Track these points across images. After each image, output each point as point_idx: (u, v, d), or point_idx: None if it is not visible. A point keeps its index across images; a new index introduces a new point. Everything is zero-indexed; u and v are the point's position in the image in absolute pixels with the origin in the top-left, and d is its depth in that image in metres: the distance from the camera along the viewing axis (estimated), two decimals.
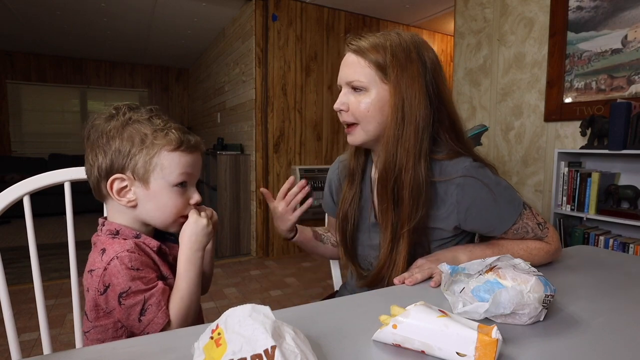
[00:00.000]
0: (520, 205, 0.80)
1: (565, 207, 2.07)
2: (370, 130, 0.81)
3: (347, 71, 0.81)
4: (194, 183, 0.71)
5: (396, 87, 0.78)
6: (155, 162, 0.65)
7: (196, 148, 0.69)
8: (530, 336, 0.54)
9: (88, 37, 4.79)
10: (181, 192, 0.68)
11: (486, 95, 2.75)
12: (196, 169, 0.70)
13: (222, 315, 0.43)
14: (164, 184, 0.66)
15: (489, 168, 0.82)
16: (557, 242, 0.84)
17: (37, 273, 0.82)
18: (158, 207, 0.67)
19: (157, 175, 0.65)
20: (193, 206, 0.70)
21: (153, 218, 0.68)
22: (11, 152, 5.64)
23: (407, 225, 0.79)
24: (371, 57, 0.78)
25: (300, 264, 3.39)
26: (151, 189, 0.66)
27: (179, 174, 0.66)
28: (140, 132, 0.65)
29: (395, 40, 0.79)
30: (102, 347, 0.51)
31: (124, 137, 0.64)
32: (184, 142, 0.67)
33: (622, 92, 2.00)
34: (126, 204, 0.66)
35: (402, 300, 0.64)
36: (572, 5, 2.20)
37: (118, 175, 0.65)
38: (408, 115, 0.78)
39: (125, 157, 0.64)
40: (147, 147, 0.64)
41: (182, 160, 0.67)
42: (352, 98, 0.81)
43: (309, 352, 0.40)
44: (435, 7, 3.66)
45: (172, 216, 0.68)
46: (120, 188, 0.66)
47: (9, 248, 3.66)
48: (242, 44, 3.69)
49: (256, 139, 3.44)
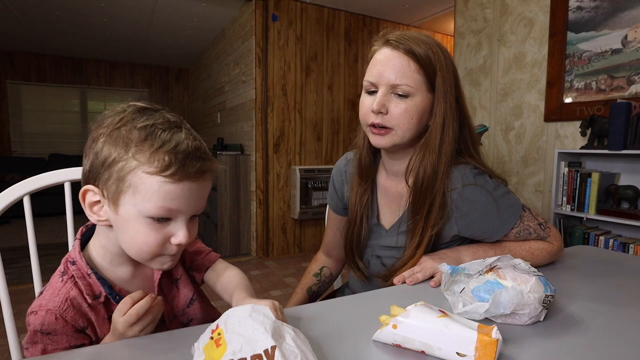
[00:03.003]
0: (519, 209, 0.80)
1: (565, 207, 2.07)
2: (406, 137, 0.78)
3: (393, 73, 0.75)
4: (184, 218, 0.55)
5: (443, 98, 0.77)
6: (129, 181, 0.51)
7: (197, 176, 0.53)
8: (530, 336, 0.54)
9: (88, 37, 4.79)
10: (158, 227, 0.53)
11: (486, 95, 2.75)
12: (188, 201, 0.53)
13: (222, 315, 0.43)
14: (135, 212, 0.52)
15: (488, 174, 0.82)
16: (559, 241, 0.85)
17: (37, 273, 0.82)
18: (130, 239, 0.54)
19: (127, 199, 0.52)
20: (176, 246, 0.55)
21: (127, 249, 0.56)
22: (11, 152, 5.64)
23: (430, 231, 0.80)
24: (421, 61, 0.75)
25: (300, 263, 3.39)
26: (120, 215, 0.53)
27: (153, 207, 0.51)
28: (125, 140, 0.51)
29: (436, 44, 0.78)
30: (102, 347, 0.51)
31: (110, 141, 0.52)
32: (172, 165, 0.50)
33: (622, 92, 2.00)
34: (97, 222, 0.56)
35: (402, 300, 0.64)
36: (572, 5, 2.20)
37: (90, 186, 0.54)
38: (447, 127, 0.78)
39: (100, 167, 0.52)
40: (126, 160, 0.51)
41: (163, 189, 0.51)
42: (394, 102, 0.76)
43: (309, 352, 0.40)
44: (435, 7, 3.66)
45: (146, 254, 0.55)
46: (93, 202, 0.55)
47: (9, 248, 3.66)
48: (242, 44, 3.69)
49: (256, 139, 3.44)
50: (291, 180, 3.57)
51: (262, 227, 3.53)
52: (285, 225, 3.62)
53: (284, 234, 3.63)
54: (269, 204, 3.52)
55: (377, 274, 0.89)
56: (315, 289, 1.02)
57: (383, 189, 0.91)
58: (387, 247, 0.88)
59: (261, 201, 3.49)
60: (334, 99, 3.76)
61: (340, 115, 3.80)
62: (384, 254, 0.89)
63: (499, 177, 0.83)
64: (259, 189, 3.48)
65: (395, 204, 0.88)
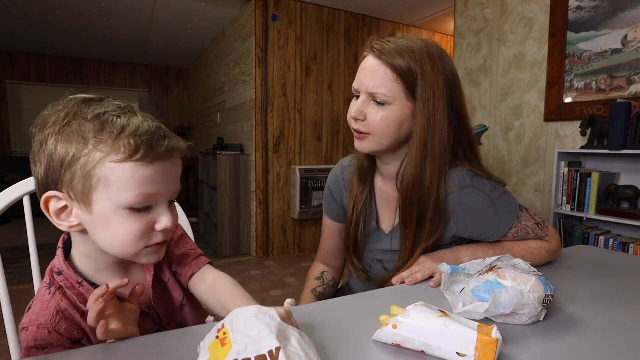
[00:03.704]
0: (517, 210, 0.80)
1: (565, 207, 2.07)
2: (384, 144, 0.79)
3: (371, 80, 0.76)
4: (165, 201, 0.52)
5: (424, 106, 0.75)
6: (97, 176, 0.47)
7: (168, 155, 0.50)
8: (530, 336, 0.54)
9: (88, 37, 4.79)
10: (140, 217, 0.50)
11: (486, 95, 2.75)
12: (165, 183, 0.51)
13: (228, 315, 0.44)
14: (111, 206, 0.48)
15: (485, 176, 0.82)
16: (557, 241, 0.85)
17: (37, 273, 0.83)
18: (111, 238, 0.50)
19: (100, 195, 0.48)
20: (161, 233, 0.52)
21: (111, 249, 0.52)
22: (11, 152, 5.64)
23: (424, 243, 0.80)
24: (399, 71, 0.74)
25: (300, 263, 3.39)
26: (95, 213, 0.49)
27: (132, 195, 0.48)
28: (80, 134, 0.47)
29: (422, 47, 0.75)
30: (102, 347, 0.51)
31: (62, 139, 0.47)
32: (141, 148, 0.47)
33: (622, 92, 2.00)
34: (68, 229, 0.51)
35: (402, 300, 0.64)
36: (572, 5, 2.20)
37: (52, 192, 0.49)
38: (431, 136, 0.76)
39: (59, 169, 0.47)
40: (88, 154, 0.47)
41: (138, 174, 0.48)
42: (371, 109, 0.77)
43: (313, 356, 0.40)
44: (435, 7, 3.66)
45: (132, 247, 0.51)
46: (59, 209, 0.50)
47: (9, 248, 3.66)
48: (242, 44, 3.69)
49: (256, 139, 3.44)
50: (291, 180, 3.57)
51: (262, 227, 3.53)
52: (285, 225, 3.63)
53: (284, 234, 3.63)
54: (269, 204, 3.52)
55: (379, 278, 0.89)
56: (321, 290, 1.00)
57: (380, 193, 0.91)
58: (388, 251, 0.88)
59: (261, 201, 3.49)
60: (334, 99, 3.76)
61: (340, 115, 3.80)
62: (385, 258, 0.89)
63: (497, 179, 0.83)
64: (259, 189, 3.49)
65: (392, 208, 0.88)
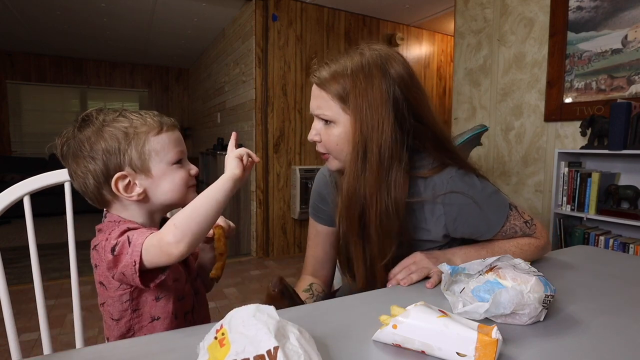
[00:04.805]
0: (506, 208, 0.81)
1: (566, 207, 2.07)
2: (343, 160, 0.80)
3: (314, 103, 0.80)
4: (186, 156, 0.74)
5: (356, 116, 0.74)
6: (148, 149, 0.66)
7: (175, 126, 0.72)
8: (530, 336, 0.54)
9: (88, 37, 4.79)
10: (180, 167, 0.71)
11: (486, 95, 2.75)
12: (184, 144, 0.74)
13: (226, 315, 0.43)
14: (164, 166, 0.68)
15: (474, 173, 0.81)
16: (545, 237, 0.86)
17: (37, 273, 0.82)
18: (169, 188, 0.69)
19: (155, 161, 0.67)
20: (194, 177, 0.73)
21: (170, 199, 0.70)
22: (11, 152, 5.64)
23: (380, 261, 0.79)
24: (332, 89, 0.76)
25: (300, 263, 3.38)
26: (154, 175, 0.68)
27: (174, 153, 0.69)
28: (120, 129, 0.65)
29: (357, 63, 0.75)
30: (102, 347, 0.51)
31: (106, 137, 0.65)
32: (163, 124, 0.69)
33: (622, 92, 2.00)
34: (137, 198, 0.67)
35: (402, 300, 0.64)
36: (572, 5, 2.20)
37: (119, 173, 0.65)
38: (370, 145, 0.74)
39: (117, 155, 0.65)
40: (133, 138, 0.66)
41: (170, 139, 0.69)
42: (323, 130, 0.80)
43: (312, 352, 0.40)
44: (435, 7, 3.66)
45: (184, 189, 0.71)
46: (126, 185, 0.66)
47: (9, 248, 3.66)
48: (242, 44, 3.69)
49: (256, 139, 3.44)
50: (291, 180, 3.57)
51: (262, 227, 3.53)
52: (285, 225, 3.63)
53: (284, 234, 3.63)
54: (269, 204, 3.52)
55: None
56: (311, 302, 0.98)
57: None
58: None
59: (261, 201, 3.49)
60: None
61: None
62: None
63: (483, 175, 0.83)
64: (259, 189, 3.49)
65: None
